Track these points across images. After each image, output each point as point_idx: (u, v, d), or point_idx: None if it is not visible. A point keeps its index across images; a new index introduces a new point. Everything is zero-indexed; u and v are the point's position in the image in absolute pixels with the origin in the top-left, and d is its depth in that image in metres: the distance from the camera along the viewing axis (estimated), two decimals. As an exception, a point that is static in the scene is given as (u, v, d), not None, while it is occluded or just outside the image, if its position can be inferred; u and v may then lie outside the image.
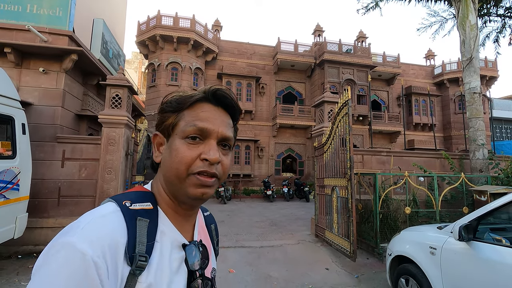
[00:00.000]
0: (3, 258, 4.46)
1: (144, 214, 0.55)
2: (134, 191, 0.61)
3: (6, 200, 3.75)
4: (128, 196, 0.57)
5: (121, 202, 0.55)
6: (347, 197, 4.60)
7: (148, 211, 0.57)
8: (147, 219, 0.55)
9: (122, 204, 0.54)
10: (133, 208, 0.55)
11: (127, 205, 0.54)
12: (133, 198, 0.57)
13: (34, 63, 5.26)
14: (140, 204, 0.56)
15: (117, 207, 0.53)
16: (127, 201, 0.55)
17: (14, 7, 5.35)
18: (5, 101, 3.83)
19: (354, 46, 16.43)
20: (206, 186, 0.57)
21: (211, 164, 0.57)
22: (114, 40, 8.89)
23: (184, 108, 0.60)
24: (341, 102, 4.82)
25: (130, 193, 0.59)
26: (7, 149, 3.86)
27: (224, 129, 0.60)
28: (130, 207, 0.54)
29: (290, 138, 16.56)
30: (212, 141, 0.59)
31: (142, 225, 0.54)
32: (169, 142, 0.60)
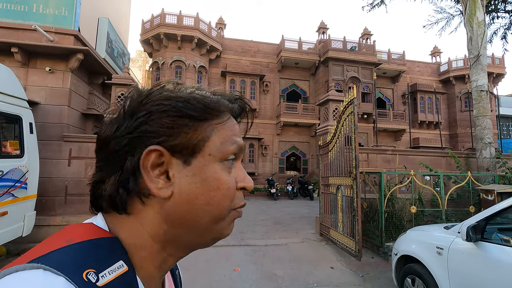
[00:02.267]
0: (12, 256, 4.53)
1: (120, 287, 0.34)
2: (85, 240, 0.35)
3: (15, 198, 3.80)
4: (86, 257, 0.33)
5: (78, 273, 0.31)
6: (352, 196, 4.59)
7: (124, 278, 0.35)
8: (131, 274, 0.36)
9: (82, 280, 0.31)
10: (103, 282, 0.32)
11: (92, 280, 0.31)
12: (93, 260, 0.33)
13: (41, 62, 5.31)
14: (109, 269, 0.34)
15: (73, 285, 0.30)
16: (89, 269, 0.32)
17: (20, 7, 5.40)
18: (13, 100, 3.87)
19: (359, 44, 16.31)
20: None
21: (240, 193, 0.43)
22: (119, 39, 8.93)
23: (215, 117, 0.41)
24: (346, 100, 4.79)
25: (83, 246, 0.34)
26: (15, 148, 3.92)
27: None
28: (98, 282, 0.32)
29: (294, 136, 16.53)
30: (240, 163, 0.45)
31: None
32: (197, 166, 0.39)
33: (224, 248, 5.21)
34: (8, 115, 3.77)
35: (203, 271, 4.21)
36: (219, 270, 4.27)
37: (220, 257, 4.78)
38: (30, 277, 0.29)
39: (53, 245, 0.34)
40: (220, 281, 3.91)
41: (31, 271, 0.30)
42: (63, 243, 0.34)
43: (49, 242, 0.35)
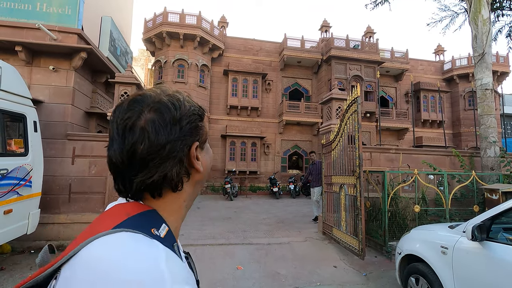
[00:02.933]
0: (17, 253, 4.57)
1: (172, 238, 0.51)
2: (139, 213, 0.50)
3: (19, 196, 3.83)
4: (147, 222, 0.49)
5: (148, 230, 0.46)
6: (355, 195, 4.57)
7: (169, 233, 0.51)
8: (175, 242, 0.52)
9: (152, 233, 0.46)
10: (163, 234, 0.48)
11: (158, 234, 0.47)
12: (151, 222, 0.49)
13: (45, 61, 5.32)
14: (162, 228, 0.50)
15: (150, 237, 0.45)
16: (152, 228, 0.47)
17: (24, 6, 5.41)
18: (18, 99, 3.89)
19: (362, 42, 16.23)
20: None
21: None
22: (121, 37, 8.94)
23: None
24: (350, 99, 4.77)
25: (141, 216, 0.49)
26: (20, 147, 3.94)
27: None
28: (161, 235, 0.48)
29: (297, 135, 16.50)
30: None
31: (176, 250, 0.49)
32: (204, 148, 0.62)
33: (227, 247, 5.22)
34: (12, 113, 3.79)
35: (206, 269, 4.22)
36: (222, 268, 4.28)
37: (223, 256, 4.79)
38: (119, 236, 0.42)
39: (117, 218, 0.46)
40: (223, 279, 3.92)
41: (117, 234, 0.42)
42: (124, 216, 0.47)
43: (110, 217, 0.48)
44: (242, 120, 15.96)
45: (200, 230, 6.35)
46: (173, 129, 0.51)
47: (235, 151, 15.19)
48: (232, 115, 15.88)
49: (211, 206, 10.12)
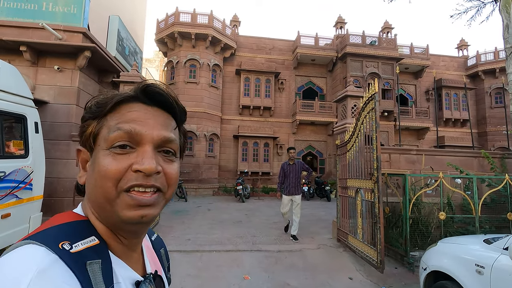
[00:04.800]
0: (20, 257, 4.48)
1: (92, 255, 0.42)
2: (64, 223, 0.45)
3: (19, 200, 3.70)
4: (61, 232, 0.42)
5: (55, 244, 0.39)
6: (373, 201, 4.18)
7: (96, 248, 0.44)
8: (98, 259, 0.42)
9: (58, 248, 0.39)
10: (76, 250, 0.41)
11: (66, 248, 0.40)
12: (69, 235, 0.42)
13: (50, 61, 5.25)
14: (82, 242, 0.43)
15: (51, 253, 0.38)
16: (63, 241, 0.41)
17: (30, 6, 5.37)
18: (17, 99, 3.77)
19: (379, 38, 15.57)
20: (145, 206, 0.45)
21: (147, 176, 0.45)
22: (130, 37, 8.87)
23: (106, 111, 0.48)
24: (366, 96, 4.38)
25: (61, 227, 0.44)
26: (19, 148, 3.82)
27: (162, 130, 0.48)
28: (71, 250, 0.40)
29: (311, 135, 16.05)
30: (147, 147, 0.47)
31: (95, 269, 0.41)
32: (93, 157, 0.48)
33: (235, 253, 4.95)
34: (11, 114, 3.67)
35: (212, 279, 3.96)
36: (229, 278, 4.01)
37: (230, 263, 4.52)
38: (23, 250, 0.38)
39: (39, 228, 0.44)
40: (228, 291, 3.65)
41: (24, 246, 0.39)
42: (47, 226, 0.44)
43: (39, 227, 0.44)
44: (255, 120, 15.68)
45: (208, 234, 6.11)
46: None
47: (247, 152, 14.94)
48: (245, 115, 15.65)
49: (222, 208, 9.90)
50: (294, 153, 6.03)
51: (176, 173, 0.50)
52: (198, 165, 13.77)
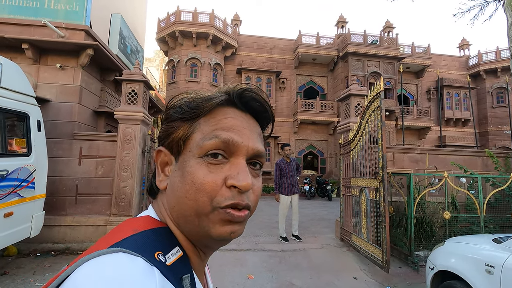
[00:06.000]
0: (22, 256, 4.45)
1: (182, 269, 0.40)
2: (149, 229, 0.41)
3: (21, 198, 3.67)
4: (150, 240, 0.39)
5: (151, 255, 0.37)
6: (378, 200, 4.15)
7: (182, 261, 0.41)
8: (188, 273, 0.41)
9: (155, 259, 0.37)
10: (170, 262, 0.39)
11: (162, 260, 0.38)
12: (158, 244, 0.40)
13: (52, 59, 5.20)
14: (171, 253, 0.40)
15: (150, 265, 0.35)
16: (158, 252, 0.38)
17: (32, 3, 5.32)
18: (19, 97, 3.74)
19: (380, 37, 15.53)
20: (236, 223, 0.42)
21: (241, 193, 0.42)
22: (132, 35, 8.83)
23: (200, 115, 0.45)
24: (371, 94, 4.34)
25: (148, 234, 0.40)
26: (22, 147, 3.78)
27: (256, 142, 0.45)
28: (166, 262, 0.38)
29: (312, 135, 16.02)
30: (241, 160, 0.43)
31: (187, 285, 0.39)
32: (180, 162, 0.44)
33: (238, 253, 4.92)
34: (13, 112, 3.64)
35: (215, 279, 3.93)
36: (232, 277, 3.98)
37: (234, 263, 4.49)
38: (115, 258, 0.33)
39: (121, 234, 0.39)
40: (232, 291, 3.62)
41: (113, 254, 0.34)
42: (130, 232, 0.39)
43: (116, 232, 0.40)
44: (256, 120, 15.63)
45: (210, 233, 6.08)
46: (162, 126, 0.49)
47: (248, 151, 14.90)
48: (246, 115, 15.60)
49: (224, 208, 9.86)
50: (290, 150, 5.72)
51: (260, 190, 0.47)
52: (199, 165, 13.73)
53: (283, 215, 5.53)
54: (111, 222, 4.93)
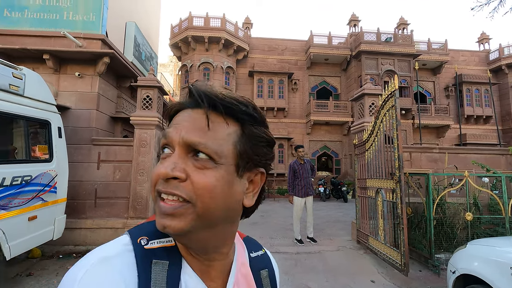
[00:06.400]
0: (46, 258, 4.63)
1: (161, 255, 0.43)
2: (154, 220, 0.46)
3: (44, 202, 3.82)
4: (147, 229, 0.46)
5: (136, 237, 0.44)
6: (395, 201, 4.05)
7: (169, 250, 0.44)
8: (166, 260, 0.43)
9: (136, 242, 0.43)
10: (149, 247, 0.43)
11: (142, 244, 0.43)
12: (151, 232, 0.45)
13: (71, 68, 5.42)
14: (159, 240, 0.45)
15: (130, 244, 0.43)
16: (143, 237, 0.44)
17: (52, 15, 5.57)
18: (42, 105, 3.91)
19: (394, 34, 15.20)
20: (167, 215, 0.41)
21: (165, 181, 0.41)
22: (146, 42, 9.05)
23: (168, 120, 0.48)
24: (386, 93, 4.26)
25: (151, 224, 0.46)
26: (44, 153, 3.95)
27: (190, 132, 0.42)
28: (145, 245, 0.43)
29: (325, 135, 15.85)
30: (176, 151, 0.43)
31: (159, 269, 0.41)
32: None
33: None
34: (36, 120, 3.81)
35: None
36: (247, 280, 3.99)
37: (248, 265, 4.49)
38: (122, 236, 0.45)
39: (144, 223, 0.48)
40: (247, 293, 3.61)
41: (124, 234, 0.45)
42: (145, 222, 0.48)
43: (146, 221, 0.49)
44: (269, 121, 15.23)
45: (225, 236, 6.11)
46: None
47: (261, 153, 14.93)
48: (258, 117, 15.64)
49: (238, 210, 9.89)
50: (304, 152, 5.59)
51: (206, 182, 0.41)
52: (213, 167, 13.87)
53: (297, 217, 5.48)
54: (129, 225, 5.05)
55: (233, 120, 0.45)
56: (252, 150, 0.45)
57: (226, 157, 0.43)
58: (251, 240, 0.63)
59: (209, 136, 0.42)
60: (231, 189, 0.43)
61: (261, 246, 0.62)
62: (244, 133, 0.45)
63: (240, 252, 0.54)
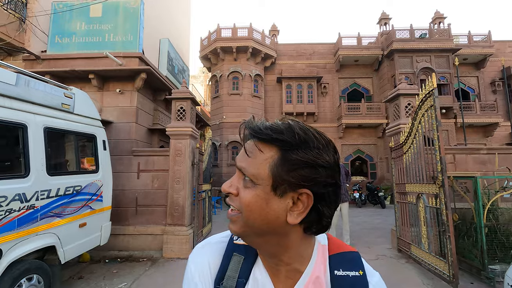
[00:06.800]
0: (94, 262, 4.97)
1: (241, 250, 0.58)
2: None
3: (92, 210, 4.14)
4: None
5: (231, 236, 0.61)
6: (439, 207, 3.79)
7: (248, 247, 0.58)
8: (242, 255, 0.57)
9: (232, 237, 0.61)
10: (237, 242, 0.59)
11: (234, 239, 0.60)
12: None
13: (113, 85, 5.87)
14: None
15: (228, 238, 0.62)
16: None
17: (96, 38, 6.10)
18: (89, 121, 4.27)
19: (430, 30, 14.39)
20: (229, 220, 0.54)
21: (226, 195, 0.54)
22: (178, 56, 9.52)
23: None
24: (423, 93, 4.04)
25: None
26: (91, 164, 4.29)
27: (241, 161, 0.53)
28: (235, 240, 0.60)
29: (359, 139, 15.32)
30: (236, 173, 0.55)
31: (235, 261, 0.57)
32: None
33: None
34: (84, 134, 4.17)
35: None
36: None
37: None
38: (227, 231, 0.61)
39: None
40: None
41: None
42: None
43: None
44: (298, 127, 15.52)
45: (259, 243, 6.13)
46: None
47: (292, 159, 14.82)
48: (288, 122, 15.59)
49: (271, 217, 9.86)
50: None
51: (246, 199, 0.49)
52: (244, 174, 14.03)
53: (333, 225, 5.32)
54: (167, 232, 5.27)
55: (271, 147, 0.50)
56: (287, 173, 0.48)
57: (263, 179, 0.49)
58: (348, 257, 0.58)
59: (249, 162, 0.50)
60: (267, 206, 0.49)
61: (360, 267, 0.56)
62: (280, 158, 0.49)
63: (318, 266, 0.55)
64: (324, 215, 0.51)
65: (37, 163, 3.20)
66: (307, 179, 0.48)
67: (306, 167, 0.48)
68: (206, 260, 0.58)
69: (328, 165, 0.49)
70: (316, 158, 0.49)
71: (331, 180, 0.50)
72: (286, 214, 0.49)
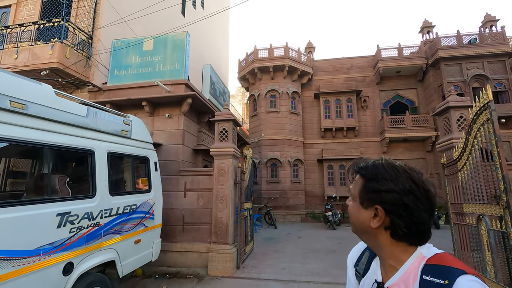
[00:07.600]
0: (145, 277, 5.28)
1: (370, 249, 0.85)
2: None
3: (146, 228, 4.46)
4: None
5: None
6: (505, 230, 3.41)
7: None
8: (369, 252, 0.85)
9: None
10: None
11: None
12: None
13: (162, 110, 6.40)
14: None
15: None
16: None
17: (147, 69, 6.78)
18: (143, 145, 4.70)
19: (480, 34, 13.38)
20: None
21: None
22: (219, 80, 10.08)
23: None
24: (477, 105, 3.78)
25: None
26: (145, 185, 4.67)
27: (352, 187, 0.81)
28: None
29: (404, 153, 14.43)
30: None
31: (366, 255, 0.87)
32: None
33: (334, 286, 4.68)
34: (140, 157, 4.58)
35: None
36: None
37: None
38: None
39: None
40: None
41: None
42: None
43: None
44: (338, 142, 15.15)
45: (302, 264, 5.99)
46: None
47: (333, 175, 14.41)
48: (327, 138, 15.32)
49: (313, 236, 9.60)
50: None
51: (349, 208, 0.80)
52: (284, 191, 13.93)
53: None
54: (212, 250, 5.43)
55: (360, 177, 0.78)
56: (366, 194, 0.74)
57: (355, 197, 0.78)
58: (443, 269, 0.63)
59: (352, 186, 0.81)
60: (358, 213, 0.76)
61: (449, 278, 0.60)
62: (363, 184, 0.76)
63: (411, 269, 0.69)
64: (398, 224, 0.68)
65: (102, 185, 3.60)
66: (377, 200, 0.71)
67: (375, 192, 0.72)
68: (351, 255, 0.91)
69: (392, 190, 0.69)
70: (380, 186, 0.71)
71: (398, 201, 0.69)
72: (370, 221, 0.72)
